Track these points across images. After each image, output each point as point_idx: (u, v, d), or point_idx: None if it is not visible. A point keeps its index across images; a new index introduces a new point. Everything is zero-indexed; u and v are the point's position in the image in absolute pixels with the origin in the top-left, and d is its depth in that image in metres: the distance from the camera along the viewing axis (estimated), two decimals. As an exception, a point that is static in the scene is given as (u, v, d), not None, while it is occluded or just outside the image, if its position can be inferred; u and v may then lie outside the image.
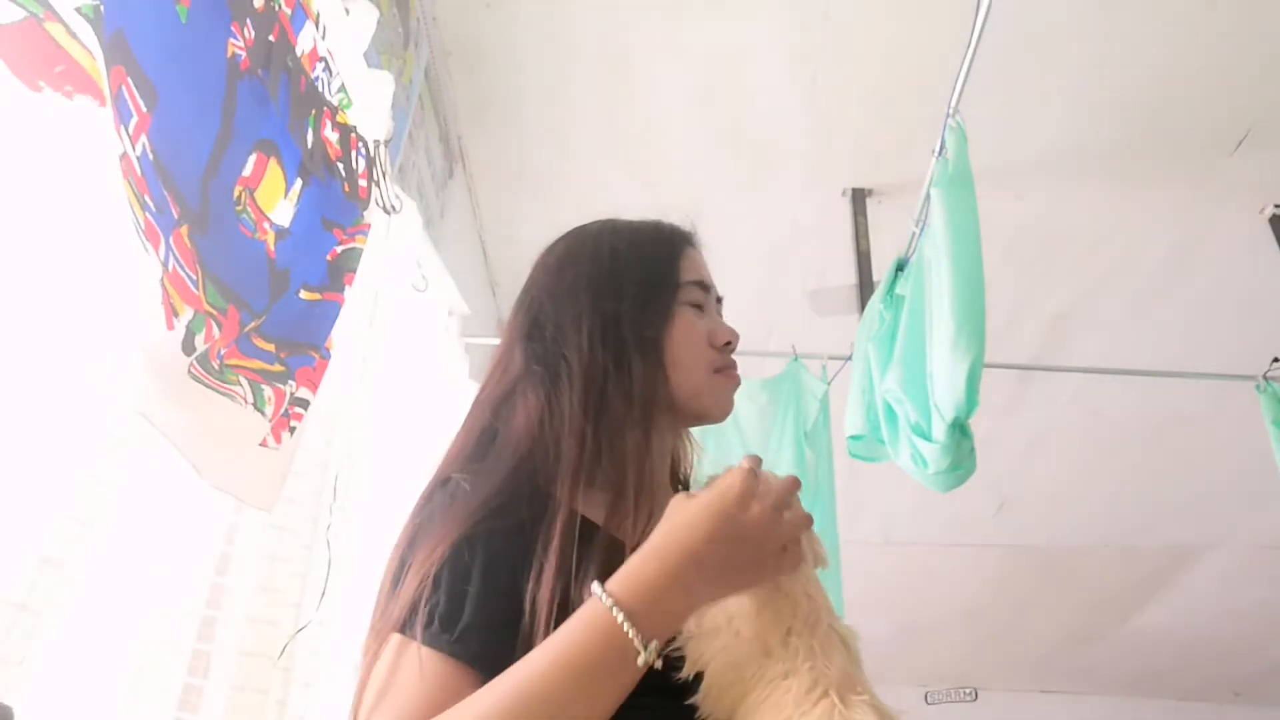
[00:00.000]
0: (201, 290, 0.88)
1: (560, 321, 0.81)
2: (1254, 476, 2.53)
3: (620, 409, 0.76)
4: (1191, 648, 4.80)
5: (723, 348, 0.85)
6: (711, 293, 0.88)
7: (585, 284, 0.83)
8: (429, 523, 0.70)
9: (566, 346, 0.79)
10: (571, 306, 0.81)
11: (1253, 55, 2.08)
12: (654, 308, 0.82)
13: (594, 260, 0.85)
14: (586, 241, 0.88)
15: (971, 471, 1.72)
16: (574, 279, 0.83)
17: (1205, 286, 2.73)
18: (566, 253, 0.87)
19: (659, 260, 0.86)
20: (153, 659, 0.94)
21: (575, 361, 0.78)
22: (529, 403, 0.77)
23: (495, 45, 2.17)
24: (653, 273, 0.84)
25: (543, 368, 0.79)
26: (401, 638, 0.63)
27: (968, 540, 4.02)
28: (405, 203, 1.52)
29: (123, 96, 0.73)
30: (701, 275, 0.88)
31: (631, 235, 0.88)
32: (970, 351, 1.53)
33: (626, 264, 0.84)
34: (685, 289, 0.85)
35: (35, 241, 0.68)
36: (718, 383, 0.84)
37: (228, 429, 0.96)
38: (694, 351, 0.83)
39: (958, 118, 1.71)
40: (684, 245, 0.89)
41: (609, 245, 0.86)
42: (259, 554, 1.11)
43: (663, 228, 0.91)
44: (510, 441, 0.75)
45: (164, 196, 0.80)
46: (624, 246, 0.86)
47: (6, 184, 0.65)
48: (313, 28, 1.16)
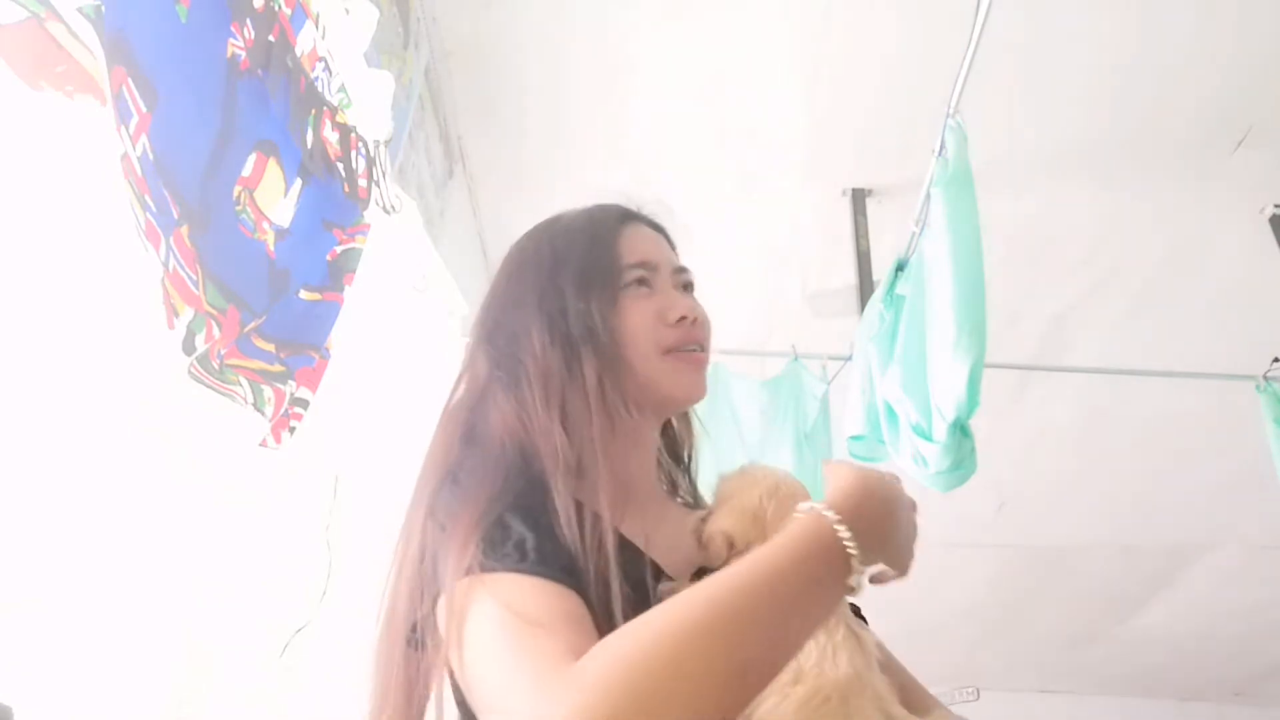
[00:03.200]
0: (201, 290, 0.88)
1: (513, 328, 0.81)
2: (1254, 476, 2.53)
3: (579, 406, 0.75)
4: (1191, 648, 4.80)
5: (677, 324, 0.81)
6: (661, 270, 0.84)
7: (530, 286, 0.82)
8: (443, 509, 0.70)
9: (521, 351, 0.79)
10: (519, 311, 0.82)
11: (1253, 55, 2.08)
12: (595, 297, 0.80)
13: (536, 261, 0.84)
14: (529, 244, 0.87)
15: (972, 471, 1.72)
16: (519, 283, 0.84)
17: (1205, 286, 2.73)
18: (513, 258, 0.87)
19: (595, 247, 0.83)
20: (152, 659, 0.94)
21: (529, 363, 0.78)
22: (500, 405, 0.77)
23: (495, 45, 2.17)
24: (589, 262, 0.82)
25: (504, 372, 0.79)
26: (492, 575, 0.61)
27: (968, 540, 4.02)
28: (405, 203, 1.52)
29: (123, 96, 0.73)
30: (644, 254, 0.84)
31: (568, 226, 0.87)
32: (971, 351, 1.54)
33: (564, 258, 0.83)
34: (626, 272, 0.82)
35: (35, 241, 0.68)
36: (672, 365, 0.81)
37: (227, 429, 0.96)
38: (643, 335, 0.80)
39: (958, 118, 1.71)
40: (621, 225, 0.86)
41: (548, 243, 0.86)
42: (259, 554, 1.11)
43: (596, 212, 0.88)
44: (494, 442, 0.75)
45: (164, 196, 0.80)
46: (561, 241, 0.85)
47: (7, 184, 0.65)
48: (313, 28, 1.16)
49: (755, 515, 0.73)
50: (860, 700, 0.60)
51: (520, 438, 0.74)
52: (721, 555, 0.72)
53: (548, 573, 0.61)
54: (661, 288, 0.83)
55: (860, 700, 0.60)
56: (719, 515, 0.74)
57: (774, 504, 0.73)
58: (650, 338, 0.80)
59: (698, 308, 0.84)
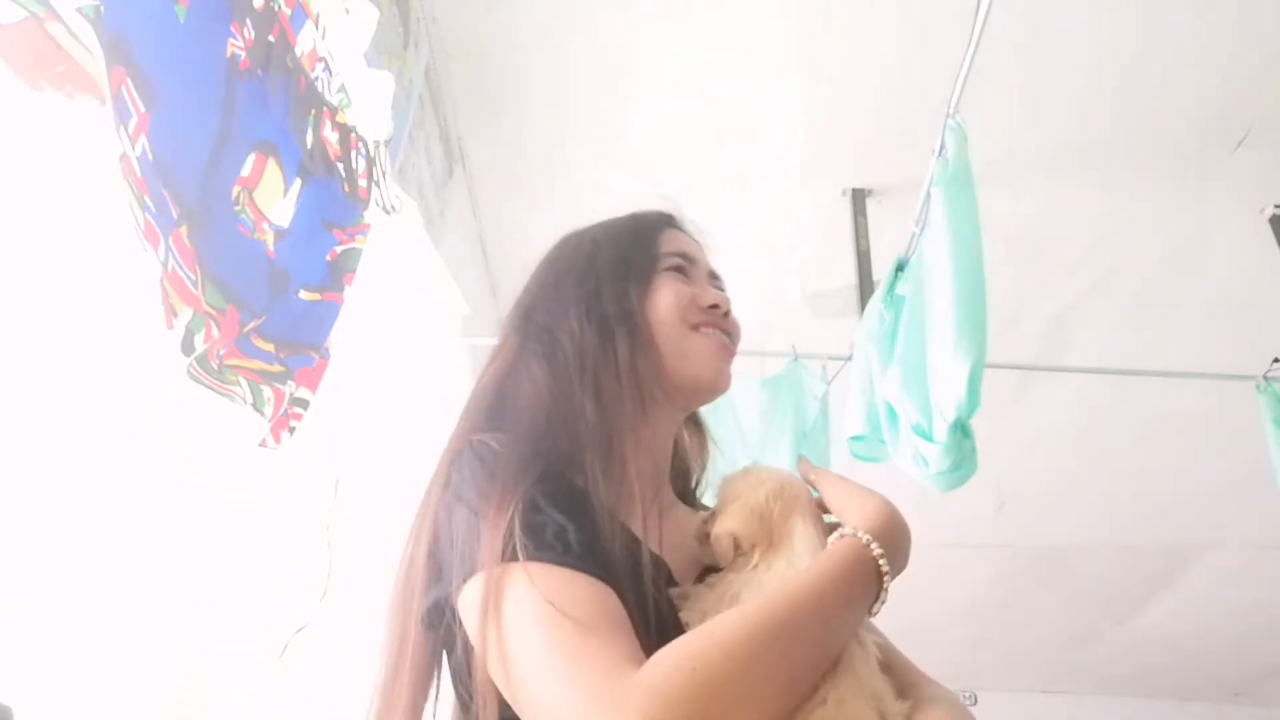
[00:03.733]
0: (200, 290, 0.88)
1: (549, 309, 0.83)
2: (1254, 476, 2.53)
3: (612, 385, 0.76)
4: (1191, 648, 4.80)
5: (709, 309, 0.84)
6: (699, 265, 0.88)
7: (569, 273, 0.86)
8: (469, 485, 0.68)
9: (558, 328, 0.81)
10: (557, 294, 0.84)
11: (1253, 55, 2.08)
12: (632, 278, 0.83)
13: (576, 251, 0.88)
14: (570, 239, 0.91)
15: (972, 472, 1.72)
16: (560, 271, 0.87)
17: (1205, 286, 2.73)
18: (554, 252, 0.91)
19: (636, 237, 0.88)
20: (152, 659, 0.94)
21: (566, 340, 0.79)
22: (533, 374, 0.78)
23: (495, 45, 2.17)
24: (630, 248, 0.86)
25: (539, 345, 0.80)
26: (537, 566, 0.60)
27: (968, 540, 4.01)
28: (405, 203, 1.52)
29: (122, 97, 0.73)
30: (683, 247, 0.88)
31: (610, 223, 0.91)
32: (971, 351, 1.53)
33: (604, 247, 0.87)
34: (664, 258, 0.86)
35: (35, 241, 0.68)
36: (700, 344, 0.83)
37: (226, 429, 0.96)
38: (674, 312, 0.82)
39: (958, 118, 1.71)
40: (663, 225, 0.90)
41: (590, 237, 0.90)
42: (259, 554, 1.11)
43: (640, 213, 0.92)
44: (523, 413, 0.76)
45: (164, 196, 0.80)
46: (602, 234, 0.89)
47: (7, 184, 0.65)
48: (313, 28, 1.16)
49: (762, 516, 0.73)
50: (857, 700, 0.60)
51: (550, 410, 0.75)
52: (728, 556, 0.72)
53: (592, 569, 0.61)
54: (697, 280, 0.86)
55: (857, 700, 0.60)
56: (725, 515, 0.74)
57: (780, 504, 0.73)
58: (679, 314, 0.82)
59: (731, 304, 0.87)
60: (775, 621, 0.57)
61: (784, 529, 0.72)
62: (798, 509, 0.74)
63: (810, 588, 0.61)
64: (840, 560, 0.64)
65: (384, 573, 1.35)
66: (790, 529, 0.72)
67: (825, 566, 0.64)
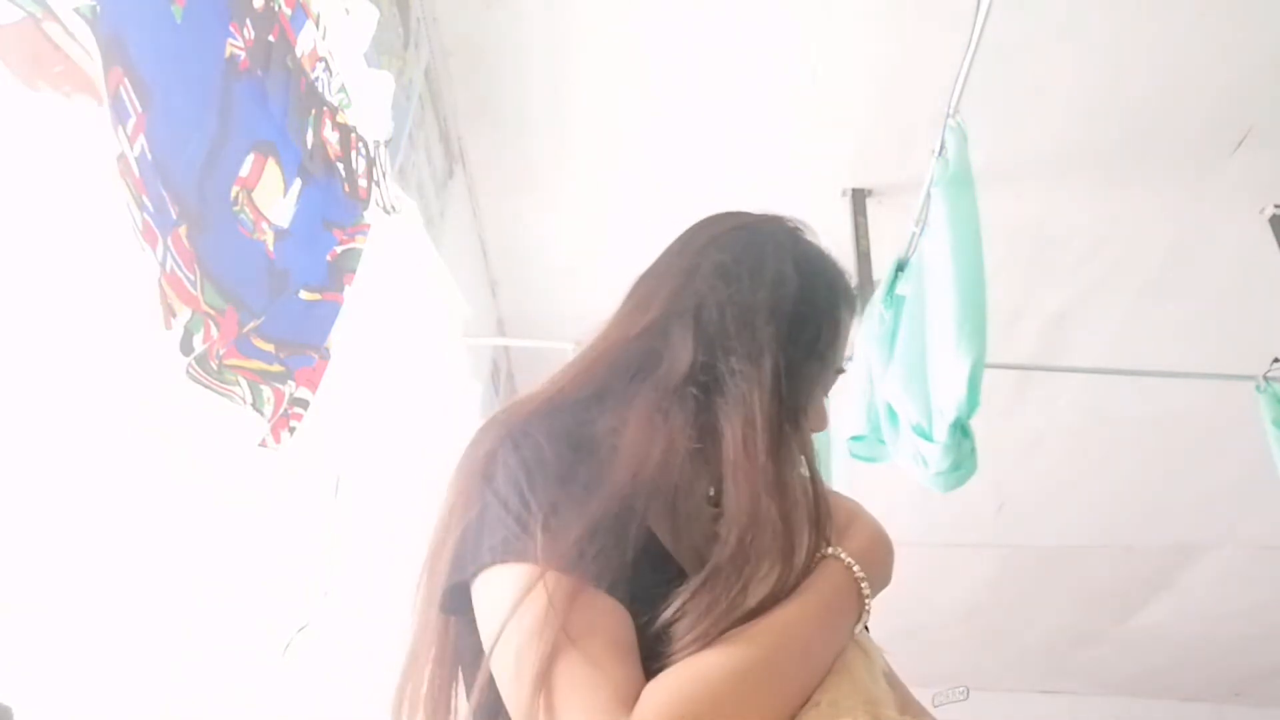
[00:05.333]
0: (199, 290, 0.88)
1: (732, 340, 0.72)
2: (1254, 476, 2.53)
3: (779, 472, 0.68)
4: (1191, 648, 4.80)
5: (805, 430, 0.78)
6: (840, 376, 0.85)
7: (765, 311, 0.74)
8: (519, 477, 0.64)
9: (744, 379, 0.70)
10: (746, 330, 0.73)
11: (1253, 56, 2.08)
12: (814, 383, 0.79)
13: (776, 286, 0.76)
14: (767, 251, 0.80)
15: (972, 472, 1.72)
16: (752, 295, 0.75)
17: (1205, 286, 2.72)
18: (743, 255, 0.78)
19: (830, 325, 0.80)
20: (152, 659, 0.94)
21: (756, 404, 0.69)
22: (667, 422, 0.68)
23: (495, 45, 2.17)
24: (825, 340, 0.79)
25: (700, 390, 0.70)
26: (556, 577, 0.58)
27: (968, 540, 4.01)
28: (405, 203, 1.52)
29: (120, 97, 0.73)
30: (842, 360, 0.84)
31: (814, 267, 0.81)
32: (971, 351, 1.53)
33: (808, 312, 0.77)
34: (834, 375, 0.83)
35: (33, 242, 0.68)
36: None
37: (226, 429, 0.96)
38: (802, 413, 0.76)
39: (958, 118, 1.71)
40: (849, 312, 0.83)
41: (793, 272, 0.78)
42: (259, 554, 1.11)
43: (837, 278, 0.83)
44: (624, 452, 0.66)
45: (162, 196, 0.80)
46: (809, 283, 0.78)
47: (5, 184, 0.65)
48: (313, 28, 1.16)
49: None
50: (850, 703, 0.60)
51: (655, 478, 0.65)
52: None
53: (606, 585, 0.59)
54: (823, 407, 0.84)
55: (850, 703, 0.60)
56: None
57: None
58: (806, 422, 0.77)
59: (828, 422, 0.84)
60: (765, 657, 0.58)
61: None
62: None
63: (797, 618, 0.62)
64: (823, 586, 0.65)
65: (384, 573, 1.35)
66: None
67: (810, 594, 0.64)
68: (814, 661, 0.62)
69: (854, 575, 0.67)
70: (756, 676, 0.57)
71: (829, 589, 0.66)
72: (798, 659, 0.60)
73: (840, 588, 0.66)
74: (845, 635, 0.66)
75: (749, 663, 0.57)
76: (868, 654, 0.67)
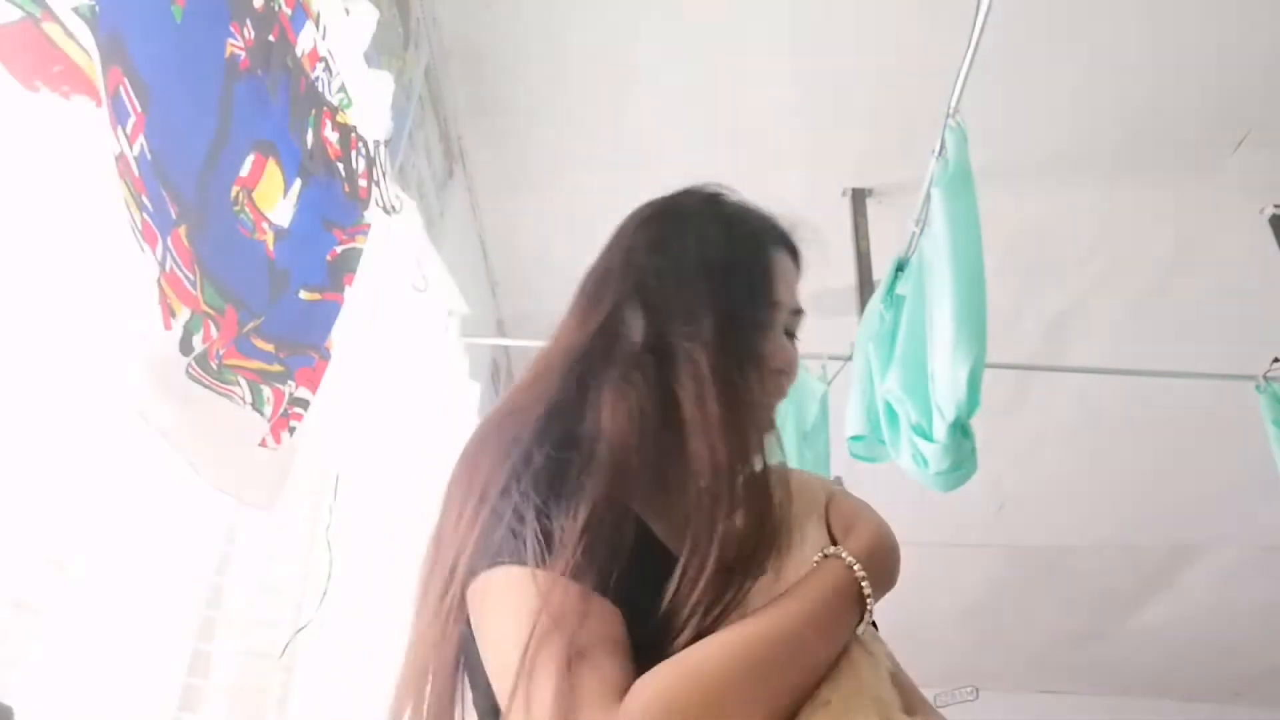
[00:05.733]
0: (199, 290, 0.88)
1: (673, 304, 0.75)
2: (1254, 476, 2.53)
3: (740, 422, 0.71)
4: (1192, 648, 4.80)
5: (774, 373, 0.80)
6: (783, 309, 0.83)
7: (696, 270, 0.77)
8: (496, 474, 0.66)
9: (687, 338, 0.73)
10: (683, 292, 0.76)
11: (1252, 56, 2.08)
12: (762, 317, 0.79)
13: (702, 245, 0.79)
14: (689, 217, 0.82)
15: (972, 472, 1.72)
16: (680, 259, 0.78)
17: (1205, 286, 2.72)
18: (668, 227, 0.81)
19: (759, 266, 0.81)
20: (153, 659, 0.94)
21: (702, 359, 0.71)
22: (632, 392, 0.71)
23: (495, 45, 2.17)
24: (761, 280, 0.80)
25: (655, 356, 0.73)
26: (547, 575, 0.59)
27: (968, 540, 4.01)
28: (405, 203, 1.52)
29: (120, 97, 0.73)
30: (782, 294, 0.82)
31: (740, 218, 0.84)
32: (971, 351, 1.53)
33: (738, 260, 0.80)
34: (789, 317, 0.82)
35: (32, 241, 0.68)
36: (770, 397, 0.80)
37: (226, 429, 0.96)
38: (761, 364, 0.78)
39: (958, 118, 1.71)
40: (779, 251, 0.84)
41: (716, 229, 0.81)
42: (259, 554, 1.11)
43: (762, 223, 0.85)
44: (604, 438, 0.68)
45: (162, 196, 0.80)
46: (736, 232, 0.82)
47: (4, 185, 0.65)
48: (313, 28, 1.16)
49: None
50: (860, 700, 0.60)
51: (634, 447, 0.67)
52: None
53: (596, 582, 0.59)
54: (792, 345, 0.84)
55: (860, 700, 0.60)
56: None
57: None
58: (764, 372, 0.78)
59: (797, 359, 0.83)
60: (755, 653, 0.58)
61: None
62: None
63: (792, 615, 0.61)
64: (823, 586, 0.65)
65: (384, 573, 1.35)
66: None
67: (808, 592, 0.64)
68: (808, 661, 0.61)
69: (855, 576, 0.66)
70: (746, 673, 0.57)
71: (828, 588, 0.65)
72: (791, 657, 0.60)
73: (840, 588, 0.65)
74: (844, 636, 0.65)
75: (739, 659, 0.57)
76: (873, 654, 0.66)
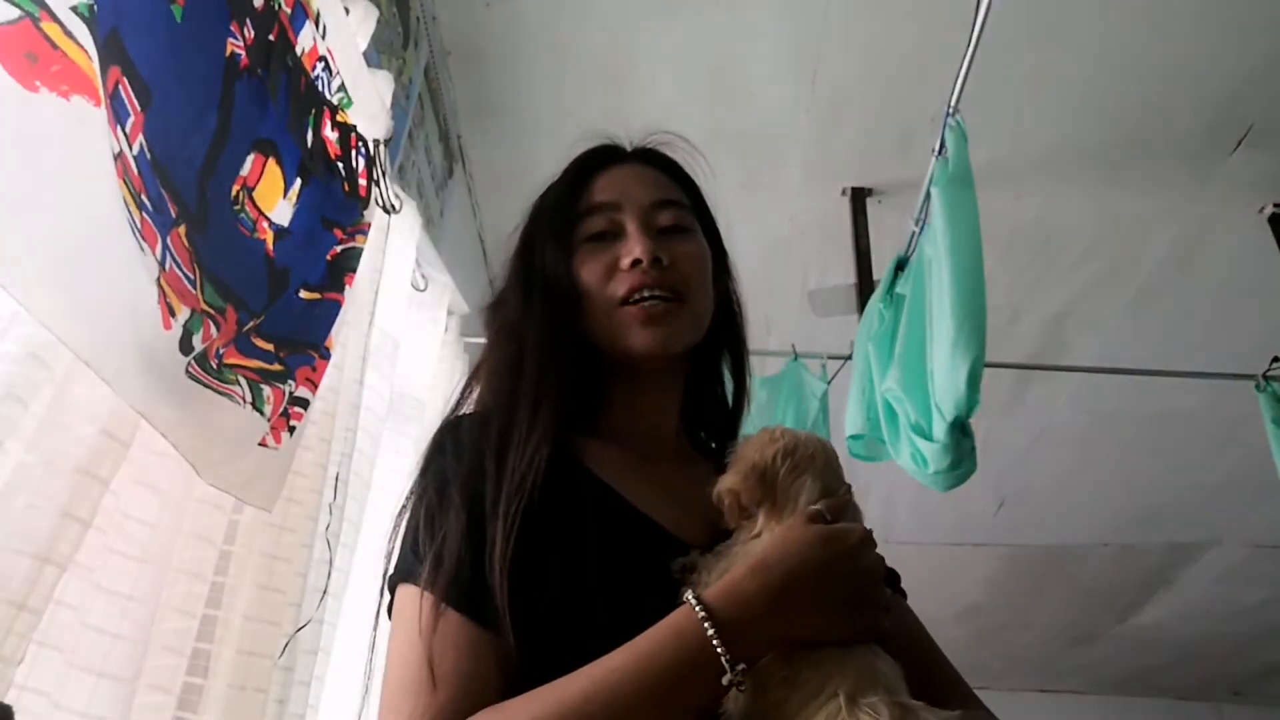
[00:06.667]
0: (199, 290, 0.88)
1: (502, 284, 0.84)
2: (1254, 476, 2.53)
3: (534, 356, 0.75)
4: (1191, 647, 4.80)
5: (630, 269, 0.74)
6: (626, 211, 0.78)
7: (519, 238, 0.85)
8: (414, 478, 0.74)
9: (506, 303, 0.81)
10: (510, 261, 0.85)
11: (1252, 56, 2.08)
12: (557, 246, 0.79)
13: (527, 215, 0.87)
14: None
15: (972, 471, 1.72)
16: (516, 240, 0.86)
17: (1205, 286, 2.72)
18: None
19: (567, 191, 0.83)
20: (153, 659, 0.94)
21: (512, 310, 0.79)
22: (494, 354, 0.80)
23: (495, 45, 2.17)
24: (559, 206, 0.82)
25: (498, 320, 0.82)
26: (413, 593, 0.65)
27: (968, 540, 4.02)
28: (405, 202, 1.52)
29: (119, 96, 0.73)
30: (610, 195, 0.79)
31: (557, 178, 0.88)
32: (971, 351, 1.53)
33: (543, 204, 0.86)
34: (584, 221, 0.79)
35: (32, 242, 0.68)
36: (628, 319, 0.74)
37: (226, 429, 0.96)
38: (595, 289, 0.76)
39: (958, 117, 1.71)
40: (596, 169, 0.84)
41: (540, 195, 0.88)
42: (259, 554, 1.11)
43: (580, 156, 0.88)
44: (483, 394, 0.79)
45: (161, 196, 0.80)
46: (549, 191, 0.87)
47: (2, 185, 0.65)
48: (312, 27, 1.16)
49: (765, 474, 0.67)
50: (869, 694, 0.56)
51: (496, 391, 0.77)
52: (733, 517, 0.69)
53: (475, 613, 0.60)
54: (627, 234, 0.77)
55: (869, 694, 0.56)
56: (728, 473, 0.70)
57: (787, 464, 0.67)
58: (603, 292, 0.75)
59: (662, 248, 0.75)
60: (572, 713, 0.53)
61: (790, 489, 0.67)
62: (810, 469, 0.68)
63: (620, 672, 0.54)
64: (663, 634, 0.55)
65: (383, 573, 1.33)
66: (797, 489, 0.67)
67: (646, 641, 0.55)
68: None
69: (701, 627, 0.54)
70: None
71: (667, 642, 0.55)
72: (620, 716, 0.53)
73: (682, 640, 0.54)
74: (698, 693, 0.54)
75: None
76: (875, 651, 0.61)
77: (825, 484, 0.68)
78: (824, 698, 0.55)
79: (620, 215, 0.78)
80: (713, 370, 0.88)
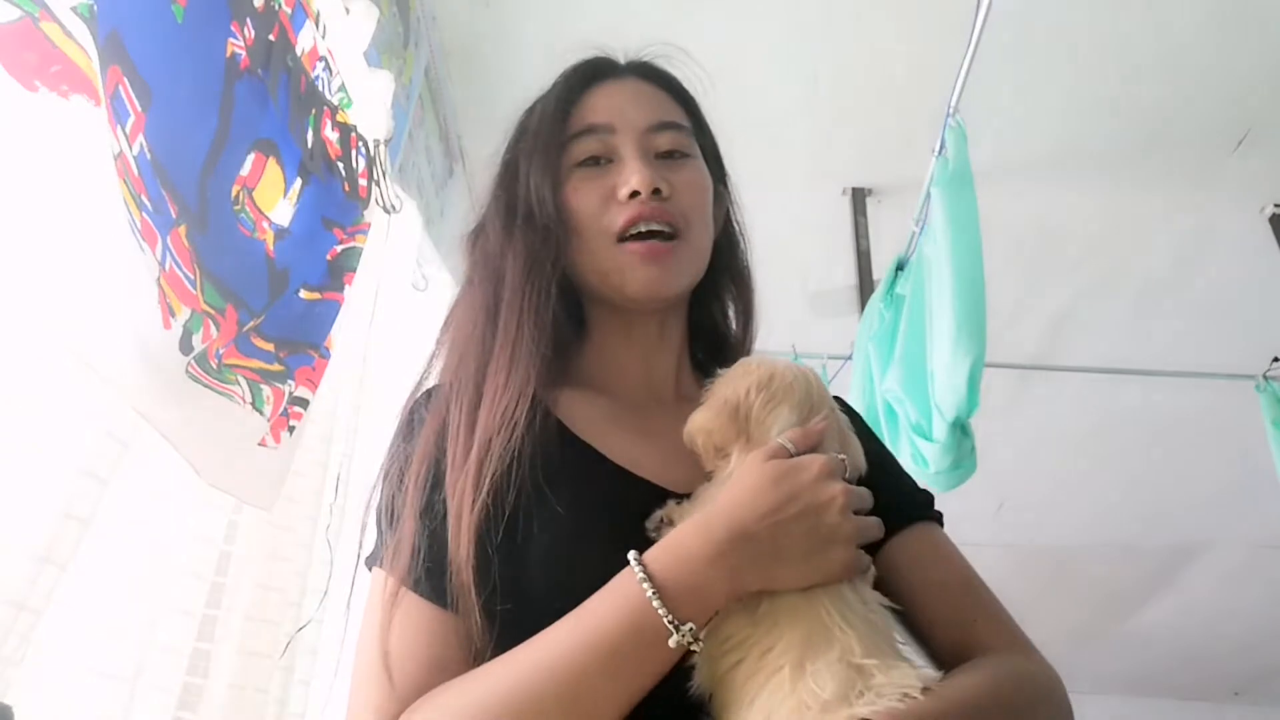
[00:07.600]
0: (199, 290, 0.88)
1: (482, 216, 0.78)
2: (1254, 476, 2.53)
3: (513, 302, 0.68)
4: (1191, 647, 4.80)
5: (629, 200, 0.68)
6: (621, 134, 0.71)
7: (501, 160, 0.78)
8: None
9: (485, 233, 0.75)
10: (489, 196, 0.78)
11: (1253, 56, 2.08)
12: (544, 171, 0.71)
13: (511, 134, 0.80)
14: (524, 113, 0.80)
15: (972, 471, 1.72)
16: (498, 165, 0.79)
17: (1205, 286, 2.72)
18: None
19: (555, 111, 0.74)
20: (153, 659, 0.93)
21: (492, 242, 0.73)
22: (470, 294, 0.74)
23: (495, 45, 2.17)
24: (546, 132, 0.72)
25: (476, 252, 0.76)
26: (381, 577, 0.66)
27: (968, 540, 3.98)
28: (405, 202, 1.52)
29: (119, 96, 0.73)
30: (598, 117, 0.72)
31: (545, 92, 0.80)
32: (971, 351, 1.53)
33: (529, 125, 0.77)
34: (575, 144, 0.71)
35: (32, 241, 0.68)
36: (626, 257, 0.68)
37: (226, 428, 0.96)
38: (587, 222, 0.69)
39: (958, 117, 1.71)
40: (584, 86, 0.76)
41: (523, 114, 0.81)
42: (259, 554, 1.11)
43: (567, 71, 0.80)
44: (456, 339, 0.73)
45: (161, 196, 0.80)
46: (535, 107, 0.79)
47: (3, 184, 0.65)
48: (313, 27, 1.16)
49: (735, 409, 0.61)
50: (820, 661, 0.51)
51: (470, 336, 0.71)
52: (708, 457, 0.62)
53: (433, 594, 0.59)
54: (621, 161, 0.70)
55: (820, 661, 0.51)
56: (698, 411, 0.63)
57: (762, 397, 0.61)
58: (596, 225, 0.68)
59: (661, 177, 0.68)
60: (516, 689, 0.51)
61: (761, 427, 0.60)
62: (788, 401, 0.61)
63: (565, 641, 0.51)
64: (604, 601, 0.52)
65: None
66: (770, 423, 0.60)
67: (588, 609, 0.52)
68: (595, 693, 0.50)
69: (641, 591, 0.51)
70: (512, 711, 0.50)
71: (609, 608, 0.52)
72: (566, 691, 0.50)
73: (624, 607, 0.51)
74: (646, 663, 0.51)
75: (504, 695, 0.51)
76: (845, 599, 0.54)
77: (802, 415, 0.61)
78: (770, 669, 0.51)
79: (615, 139, 0.71)
80: (717, 303, 0.83)
